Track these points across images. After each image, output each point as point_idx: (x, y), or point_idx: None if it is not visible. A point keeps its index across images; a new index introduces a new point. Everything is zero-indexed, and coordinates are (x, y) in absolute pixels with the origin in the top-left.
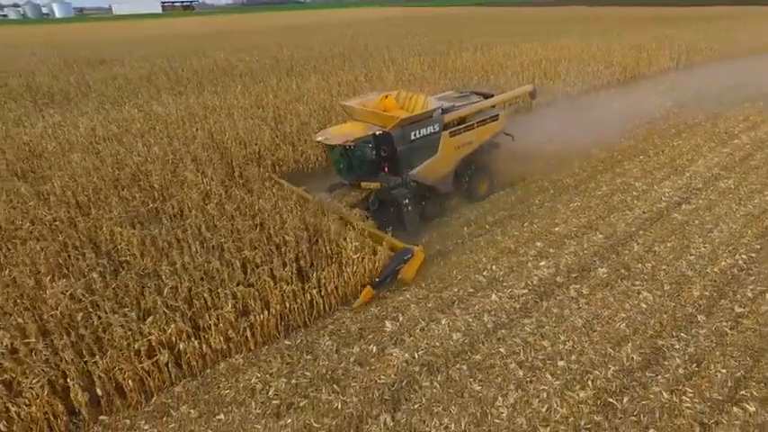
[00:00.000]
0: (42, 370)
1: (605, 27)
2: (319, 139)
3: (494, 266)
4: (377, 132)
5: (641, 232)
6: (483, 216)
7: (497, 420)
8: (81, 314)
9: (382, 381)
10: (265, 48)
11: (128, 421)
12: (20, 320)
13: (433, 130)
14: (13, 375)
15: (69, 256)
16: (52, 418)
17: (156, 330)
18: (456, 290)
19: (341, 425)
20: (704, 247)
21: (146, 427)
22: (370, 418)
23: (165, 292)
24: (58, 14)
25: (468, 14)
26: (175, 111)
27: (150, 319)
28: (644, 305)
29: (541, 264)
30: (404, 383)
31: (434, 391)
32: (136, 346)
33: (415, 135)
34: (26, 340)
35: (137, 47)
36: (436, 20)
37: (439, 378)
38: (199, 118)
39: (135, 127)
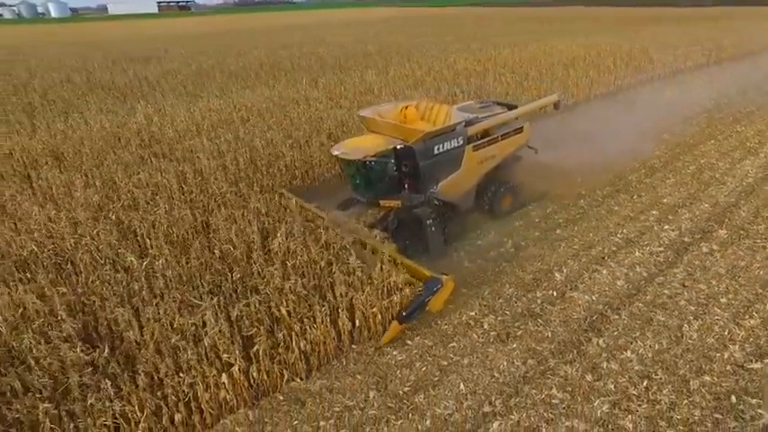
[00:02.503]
0: (327, 302)
1: (609, 26)
2: (336, 153)
3: (624, 230)
4: (398, 146)
5: (741, 202)
6: (593, 190)
7: (690, 341)
8: (323, 261)
9: (575, 316)
10: (299, 45)
11: (372, 349)
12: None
13: (456, 144)
14: (294, 306)
15: (264, 222)
16: (328, 341)
17: (393, 276)
18: (600, 248)
19: (559, 348)
20: None
21: (394, 353)
22: (584, 341)
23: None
24: (54, 14)
25: (469, 14)
26: (260, 102)
27: (379, 266)
28: None
29: (665, 227)
30: (595, 317)
31: (625, 321)
32: (383, 287)
33: (438, 149)
34: (288, 282)
35: (168, 45)
36: (438, 20)
37: (623, 313)
38: (286, 108)
39: (231, 116)
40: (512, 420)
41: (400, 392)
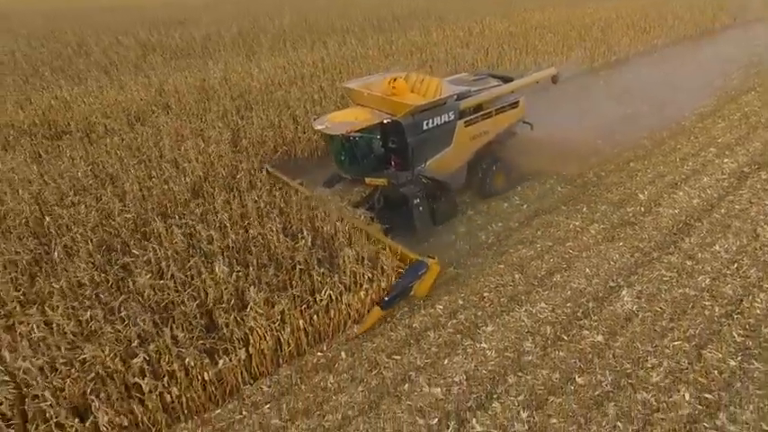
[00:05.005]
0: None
1: None
2: (318, 127)
3: (689, 163)
4: (385, 121)
5: None
6: (656, 132)
7: (765, 238)
8: None
9: (664, 224)
10: (324, 10)
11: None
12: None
13: (447, 119)
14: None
15: None
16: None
17: None
18: (672, 177)
19: (658, 245)
20: None
21: (523, 250)
22: (677, 240)
23: None
24: None
25: None
26: (319, 59)
27: None
28: None
29: (725, 161)
30: (681, 225)
31: (707, 227)
32: None
33: (427, 125)
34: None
35: (188, 12)
36: None
37: (704, 222)
38: (348, 65)
39: (301, 72)
40: (636, 290)
41: (539, 275)
